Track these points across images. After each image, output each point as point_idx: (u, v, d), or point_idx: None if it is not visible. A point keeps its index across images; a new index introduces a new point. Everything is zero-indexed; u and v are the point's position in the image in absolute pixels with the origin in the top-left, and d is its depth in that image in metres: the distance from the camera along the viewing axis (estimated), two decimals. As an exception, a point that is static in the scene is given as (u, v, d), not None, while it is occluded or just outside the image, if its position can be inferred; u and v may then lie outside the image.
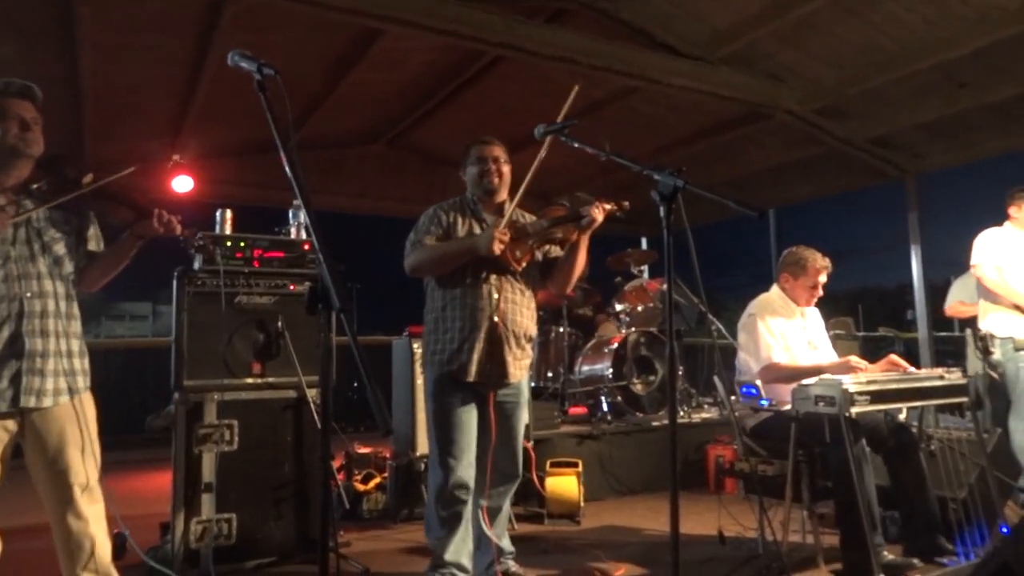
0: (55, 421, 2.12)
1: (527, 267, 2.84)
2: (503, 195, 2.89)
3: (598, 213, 2.72)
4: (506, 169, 2.90)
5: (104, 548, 2.18)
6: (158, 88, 5.27)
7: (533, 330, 2.91)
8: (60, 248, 2.21)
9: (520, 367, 2.82)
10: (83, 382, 2.21)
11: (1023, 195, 4.09)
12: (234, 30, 4.33)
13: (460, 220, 2.85)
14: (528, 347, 2.89)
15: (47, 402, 2.09)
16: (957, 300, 5.22)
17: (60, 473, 2.11)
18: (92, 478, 2.15)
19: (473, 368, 2.70)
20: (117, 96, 5.24)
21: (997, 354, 3.94)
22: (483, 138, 2.94)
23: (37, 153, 2.15)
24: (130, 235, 2.30)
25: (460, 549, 2.71)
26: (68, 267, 2.22)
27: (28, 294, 2.09)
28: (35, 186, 2.15)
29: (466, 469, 2.70)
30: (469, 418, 2.75)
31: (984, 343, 3.59)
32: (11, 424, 2.08)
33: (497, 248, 2.62)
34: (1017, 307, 3.92)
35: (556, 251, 2.94)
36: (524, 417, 2.93)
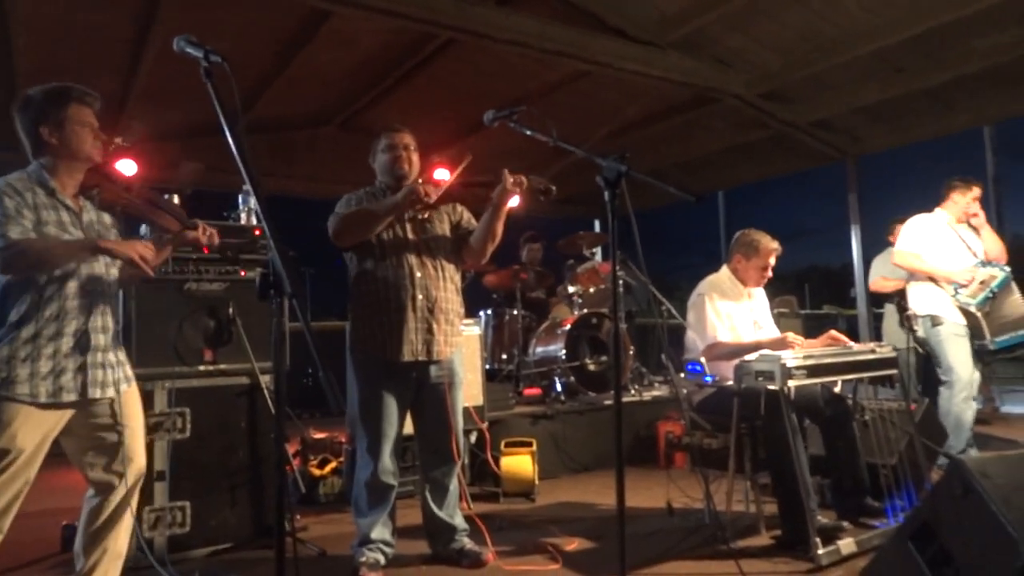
0: (120, 409, 2.25)
1: (442, 243, 2.92)
2: (410, 179, 2.92)
3: (512, 184, 2.68)
4: (415, 157, 2.95)
5: (129, 529, 2.35)
6: (98, 67, 5.09)
7: (460, 307, 2.98)
8: None
9: (450, 344, 2.88)
10: (131, 372, 2.36)
11: (948, 189, 4.38)
12: (177, 6, 4.22)
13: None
14: (457, 323, 2.94)
15: (110, 392, 2.22)
16: (879, 276, 5.58)
17: (124, 456, 2.24)
18: (142, 462, 2.32)
19: (404, 347, 2.77)
20: (54, 76, 5.00)
21: (920, 331, 4.23)
22: (392, 126, 2.98)
23: (101, 160, 2.26)
24: (171, 240, 2.41)
25: (386, 527, 2.87)
26: (116, 267, 2.32)
27: (92, 292, 2.20)
28: (94, 192, 2.25)
29: (392, 456, 2.84)
30: (398, 406, 2.83)
31: (909, 322, 3.86)
32: (68, 414, 2.16)
33: (420, 189, 2.67)
34: (932, 279, 4.24)
35: (471, 223, 3.00)
36: (460, 398, 2.98)
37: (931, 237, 4.30)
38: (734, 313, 3.41)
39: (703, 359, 3.30)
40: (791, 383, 2.74)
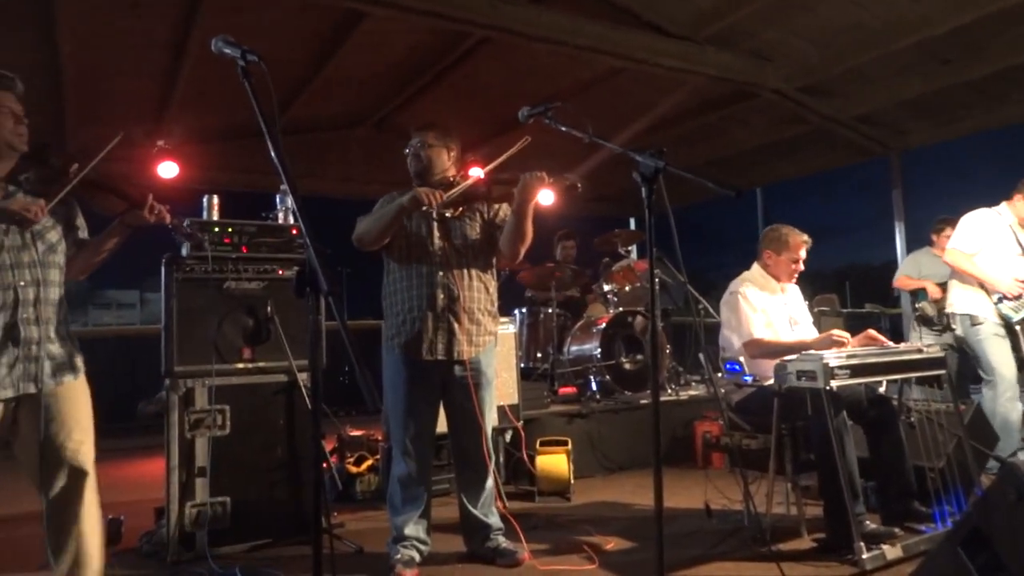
0: (53, 403, 2.14)
1: (472, 242, 2.91)
2: (432, 177, 2.89)
3: (532, 180, 2.68)
4: (429, 152, 2.91)
5: (95, 534, 2.20)
6: (140, 72, 5.23)
7: (490, 305, 2.95)
8: (53, 236, 2.23)
9: (474, 344, 2.85)
10: (79, 364, 2.25)
11: (1020, 191, 4.16)
12: (216, 12, 4.30)
13: None
14: (486, 322, 2.91)
15: (48, 386, 2.13)
16: (904, 275, 5.45)
17: (56, 454, 2.14)
18: (89, 458, 2.19)
19: (423, 345, 2.77)
20: (99, 81, 5.20)
21: (959, 330, 4.11)
22: (418, 125, 3.00)
23: (26, 148, 2.16)
24: (119, 224, 2.32)
25: (420, 524, 2.87)
26: (60, 255, 2.24)
27: (22, 283, 2.12)
28: (23, 176, 2.14)
29: (425, 454, 2.85)
30: (427, 404, 2.85)
31: (947, 320, 3.76)
32: (10, 411, 2.10)
33: (423, 196, 2.67)
34: (982, 286, 4.08)
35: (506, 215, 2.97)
36: (488, 398, 2.93)
37: (988, 236, 4.11)
38: (769, 308, 3.36)
39: (742, 358, 3.24)
40: (833, 383, 2.67)
